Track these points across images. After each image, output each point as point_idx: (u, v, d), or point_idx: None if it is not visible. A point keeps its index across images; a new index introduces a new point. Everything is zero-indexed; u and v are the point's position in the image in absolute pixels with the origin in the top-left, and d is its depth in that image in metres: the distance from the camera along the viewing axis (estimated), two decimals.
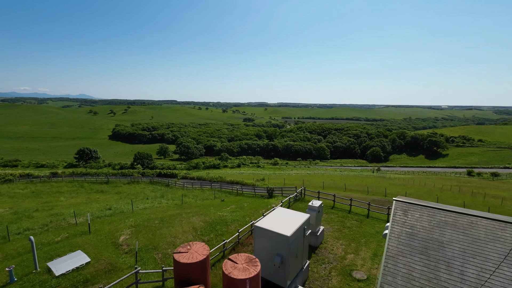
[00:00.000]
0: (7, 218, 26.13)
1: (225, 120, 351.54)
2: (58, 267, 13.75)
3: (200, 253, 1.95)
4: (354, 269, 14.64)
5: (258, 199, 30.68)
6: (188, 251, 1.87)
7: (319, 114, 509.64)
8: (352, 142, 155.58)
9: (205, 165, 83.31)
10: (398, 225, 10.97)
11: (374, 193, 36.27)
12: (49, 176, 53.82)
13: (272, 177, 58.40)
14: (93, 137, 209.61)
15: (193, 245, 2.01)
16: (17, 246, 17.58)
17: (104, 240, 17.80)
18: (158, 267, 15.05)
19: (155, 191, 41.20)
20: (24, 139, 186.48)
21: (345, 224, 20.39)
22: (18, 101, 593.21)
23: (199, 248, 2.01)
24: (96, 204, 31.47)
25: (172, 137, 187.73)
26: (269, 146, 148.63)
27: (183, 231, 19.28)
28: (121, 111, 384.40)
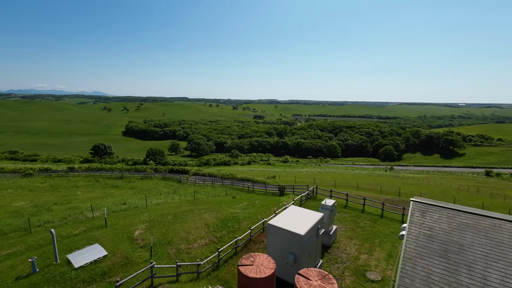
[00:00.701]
0: (28, 210, 27.23)
1: (235, 117, 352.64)
2: (77, 260, 14.23)
3: (266, 267, 1.86)
4: (368, 269, 14.44)
5: (269, 197, 30.67)
6: (253, 264, 1.80)
7: (330, 111, 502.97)
8: (364, 140, 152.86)
9: (215, 162, 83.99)
10: (416, 227, 10.71)
11: (388, 193, 35.57)
12: (67, 170, 55.63)
13: (283, 174, 58.22)
14: (107, 133, 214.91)
15: (256, 257, 1.92)
16: (38, 238, 18.30)
17: (119, 234, 18.27)
18: (172, 262, 15.32)
19: (168, 187, 41.88)
20: (42, 134, 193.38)
21: (358, 223, 20.10)
22: (36, 98, 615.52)
23: (264, 260, 1.92)
24: (111, 199, 32.32)
25: (183, 134, 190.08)
26: (280, 143, 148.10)
27: (196, 227, 19.53)
28: (134, 108, 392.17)
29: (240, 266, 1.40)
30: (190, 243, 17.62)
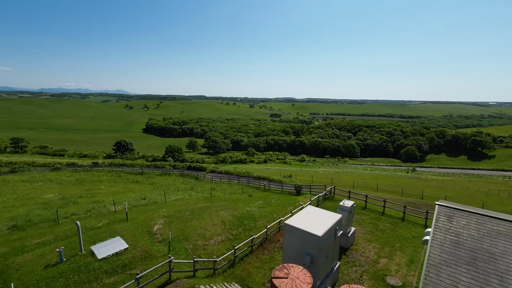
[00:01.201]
0: (56, 203, 28.83)
1: (252, 116, 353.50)
2: (100, 251, 14.86)
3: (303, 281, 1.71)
4: (388, 274, 13.95)
5: (286, 196, 30.47)
6: (288, 277, 1.69)
7: (349, 110, 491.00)
8: (384, 140, 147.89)
9: (232, 160, 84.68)
10: (442, 232, 10.17)
11: (409, 195, 34.18)
12: (91, 165, 58.35)
13: (299, 174, 57.63)
14: (128, 130, 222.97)
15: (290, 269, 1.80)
16: (65, 229, 19.32)
17: (140, 228, 18.88)
18: (189, 258, 15.62)
19: (186, 183, 42.77)
20: (69, 131, 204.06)
21: (378, 226, 19.47)
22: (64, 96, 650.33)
23: (300, 274, 1.79)
24: (132, 194, 33.49)
25: (201, 132, 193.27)
26: (296, 142, 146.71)
27: (212, 224, 19.78)
28: (153, 105, 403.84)
29: (274, 279, 1.32)
30: (207, 239, 17.87)
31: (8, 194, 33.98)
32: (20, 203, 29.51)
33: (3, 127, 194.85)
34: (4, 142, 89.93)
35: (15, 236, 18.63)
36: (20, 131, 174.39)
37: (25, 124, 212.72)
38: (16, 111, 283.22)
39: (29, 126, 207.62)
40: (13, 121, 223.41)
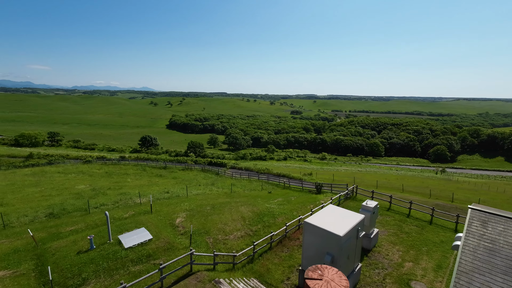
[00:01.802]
0: (87, 193, 30.72)
1: (272, 112, 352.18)
2: (127, 241, 15.64)
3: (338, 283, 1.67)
4: (412, 279, 13.35)
5: (306, 194, 30.11)
6: (323, 279, 1.66)
7: (373, 107, 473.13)
8: (411, 139, 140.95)
9: (252, 156, 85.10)
10: (475, 238, 9.53)
11: (438, 197, 32.36)
12: (119, 159, 61.39)
13: (320, 172, 56.66)
14: (153, 126, 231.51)
15: (323, 270, 1.75)
16: (95, 218, 20.53)
17: (163, 221, 19.61)
18: (209, 251, 15.98)
19: (207, 178, 43.69)
20: (99, 126, 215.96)
21: (403, 228, 18.67)
22: (95, 93, 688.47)
23: (334, 276, 1.74)
24: (156, 187, 34.83)
25: (222, 128, 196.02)
26: (317, 140, 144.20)
27: (232, 219, 20.06)
28: (177, 102, 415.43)
29: (307, 280, 1.29)
30: (227, 234, 18.16)
31: (46, 184, 36.75)
32: (56, 192, 31.82)
33: (42, 122, 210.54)
34: (42, 136, 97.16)
35: (51, 223, 20.13)
36: (56, 126, 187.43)
37: (60, 119, 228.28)
38: (52, 107, 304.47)
39: (64, 121, 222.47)
40: (50, 117, 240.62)
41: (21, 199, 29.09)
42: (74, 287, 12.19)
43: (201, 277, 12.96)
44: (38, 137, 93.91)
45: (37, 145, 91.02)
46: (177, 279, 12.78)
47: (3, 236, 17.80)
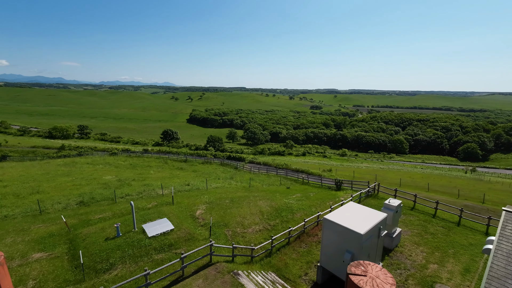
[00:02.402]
0: (114, 184, 32.33)
1: (291, 107, 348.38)
2: (150, 230, 16.33)
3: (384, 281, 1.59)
4: (437, 281, 12.82)
5: (325, 190, 29.68)
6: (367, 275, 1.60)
7: (398, 102, 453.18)
8: (438, 135, 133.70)
9: (270, 151, 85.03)
10: (509, 242, 8.94)
11: (467, 198, 30.57)
12: (142, 152, 63.87)
13: (340, 168, 55.50)
14: (174, 120, 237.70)
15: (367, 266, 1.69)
16: (121, 208, 21.61)
17: (184, 212, 20.23)
18: (228, 243, 16.29)
19: (225, 172, 44.34)
20: (123, 120, 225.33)
21: (427, 229, 17.90)
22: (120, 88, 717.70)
23: (379, 273, 1.67)
24: (177, 180, 35.91)
25: (240, 123, 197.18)
26: (337, 135, 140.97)
27: (250, 213, 20.26)
28: (197, 97, 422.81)
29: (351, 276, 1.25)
30: (245, 227, 18.40)
31: (76, 174, 39.13)
32: (85, 182, 33.80)
33: (72, 115, 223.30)
34: (73, 129, 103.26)
35: (82, 211, 21.47)
36: (84, 120, 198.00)
37: (88, 113, 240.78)
38: (82, 102, 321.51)
39: (92, 115, 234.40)
40: (80, 111, 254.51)
41: (54, 187, 31.22)
42: (102, 271, 12.98)
43: (220, 268, 13.29)
44: (69, 130, 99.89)
45: (68, 137, 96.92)
46: (197, 268, 13.20)
47: (40, 221, 19.25)
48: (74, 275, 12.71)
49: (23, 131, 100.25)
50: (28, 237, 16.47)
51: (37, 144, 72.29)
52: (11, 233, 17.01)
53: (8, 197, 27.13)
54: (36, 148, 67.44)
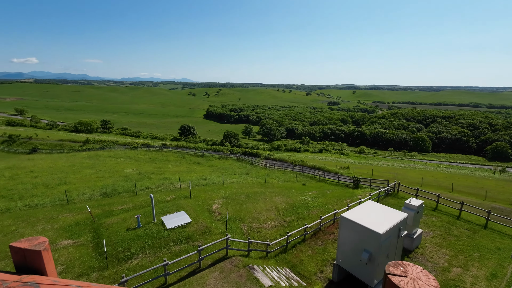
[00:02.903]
0: (134, 177, 33.55)
1: (308, 103, 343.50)
2: (169, 222, 16.84)
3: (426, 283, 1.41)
4: (460, 285, 12.31)
5: (342, 188, 29.17)
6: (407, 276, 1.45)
7: (421, 98, 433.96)
8: (465, 133, 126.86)
9: (286, 148, 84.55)
10: None
11: (495, 200, 28.91)
12: (161, 146, 65.66)
13: (358, 166, 54.24)
14: (191, 116, 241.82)
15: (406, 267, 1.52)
16: (141, 200, 22.42)
17: (201, 206, 20.65)
18: (244, 238, 16.48)
19: (241, 167, 44.68)
20: (143, 115, 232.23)
21: (451, 231, 17.16)
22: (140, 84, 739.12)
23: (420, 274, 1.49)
24: (194, 174, 36.66)
25: (256, 119, 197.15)
26: (355, 132, 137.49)
27: (266, 209, 20.34)
28: (213, 93, 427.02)
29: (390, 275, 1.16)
30: (261, 223, 18.51)
31: (99, 166, 40.97)
32: (108, 174, 35.33)
33: (96, 110, 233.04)
34: (96, 124, 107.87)
35: (105, 202, 22.49)
36: (107, 115, 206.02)
37: (110, 109, 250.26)
38: (104, 98, 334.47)
39: (114, 110, 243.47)
40: (102, 106, 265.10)
41: (80, 179, 32.91)
42: (124, 259, 13.58)
43: (236, 261, 13.48)
44: (93, 124, 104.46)
45: (92, 131, 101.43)
46: (214, 261, 13.47)
47: (67, 210, 20.40)
48: (98, 262, 13.40)
49: (51, 125, 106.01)
50: (57, 225, 17.51)
51: (64, 137, 76.32)
52: (42, 221, 18.16)
53: (38, 187, 28.95)
54: (63, 142, 71.24)
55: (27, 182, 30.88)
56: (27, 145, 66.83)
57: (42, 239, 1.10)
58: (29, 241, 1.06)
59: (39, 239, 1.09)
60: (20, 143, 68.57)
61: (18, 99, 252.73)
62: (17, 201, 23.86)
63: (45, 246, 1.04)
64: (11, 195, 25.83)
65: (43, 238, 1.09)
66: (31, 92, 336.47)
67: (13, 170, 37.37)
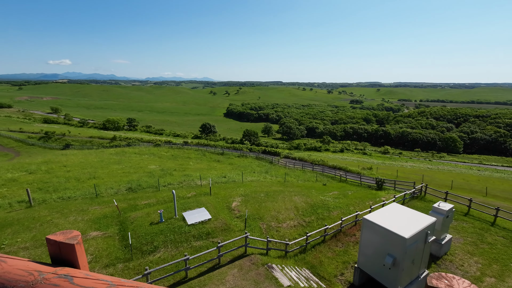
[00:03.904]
0: (157, 173, 34.75)
1: (329, 102, 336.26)
2: (190, 218, 17.26)
3: None
4: None
5: (364, 189, 28.26)
6: None
7: (452, 96, 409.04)
8: (501, 134, 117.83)
9: (306, 147, 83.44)
10: None
11: None
12: (182, 144, 67.46)
13: (381, 167, 52.27)
14: (212, 114, 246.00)
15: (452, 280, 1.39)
16: (163, 195, 23.18)
17: (220, 203, 20.95)
18: (263, 236, 16.50)
19: (261, 166, 44.73)
20: (166, 113, 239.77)
21: (484, 238, 16.02)
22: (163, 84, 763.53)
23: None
24: (214, 171, 37.27)
25: (276, 117, 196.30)
26: (379, 132, 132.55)
27: (285, 208, 20.20)
28: (234, 91, 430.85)
29: None
30: (280, 222, 18.42)
31: (125, 162, 42.91)
32: (133, 170, 36.90)
33: (122, 109, 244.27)
34: (123, 121, 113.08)
35: (130, 196, 23.52)
36: (132, 113, 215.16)
37: (136, 107, 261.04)
38: (130, 97, 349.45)
39: (139, 108, 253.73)
40: (128, 104, 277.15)
41: (108, 174, 34.67)
42: (147, 252, 14.13)
43: (254, 259, 13.53)
44: (120, 122, 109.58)
45: (119, 129, 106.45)
46: (233, 258, 13.62)
47: (96, 203, 21.59)
48: (123, 254, 14.05)
49: (82, 123, 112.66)
50: (87, 216, 18.59)
51: (93, 134, 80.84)
52: (73, 213, 19.37)
53: (71, 181, 30.90)
54: (92, 138, 75.49)
55: (61, 176, 33.07)
56: (61, 141, 71.58)
57: (75, 233, 1.14)
58: (63, 234, 1.11)
59: (72, 232, 1.13)
60: (55, 139, 73.61)
61: (53, 98, 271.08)
62: (52, 193, 25.63)
63: (78, 240, 1.08)
64: (47, 188, 27.80)
65: (76, 232, 1.13)
66: (64, 91, 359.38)
67: (48, 164, 40.18)
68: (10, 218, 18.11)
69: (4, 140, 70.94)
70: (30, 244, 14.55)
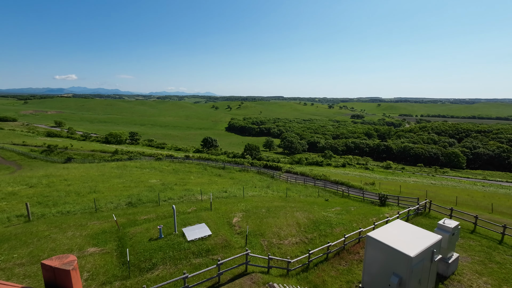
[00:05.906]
0: (158, 187, 34.52)
1: (330, 116, 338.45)
2: (190, 234, 16.94)
3: None
4: None
5: (367, 205, 27.81)
6: None
7: (453, 111, 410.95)
8: (504, 149, 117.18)
9: (307, 161, 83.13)
10: None
11: None
12: (184, 158, 67.46)
13: (384, 182, 51.73)
14: (214, 128, 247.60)
15: None
16: (163, 210, 22.89)
17: (221, 219, 20.62)
18: (264, 254, 16.08)
19: (262, 181, 44.40)
20: (168, 127, 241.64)
21: (492, 257, 15.53)
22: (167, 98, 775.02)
23: None
24: (215, 186, 36.99)
25: (277, 132, 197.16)
26: (381, 146, 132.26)
27: (287, 224, 19.83)
28: (235, 106, 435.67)
29: None
30: (281, 239, 18.02)
31: (126, 176, 42.77)
32: (134, 184, 36.71)
33: (125, 123, 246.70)
34: (125, 135, 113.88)
35: (130, 211, 23.25)
36: (135, 127, 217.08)
37: (139, 121, 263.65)
38: (133, 111, 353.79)
39: (141, 122, 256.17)
40: (131, 119, 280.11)
41: (108, 188, 34.48)
42: (146, 270, 13.76)
43: (255, 278, 13.13)
44: (122, 136, 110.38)
45: (121, 142, 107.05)
46: (233, 277, 13.22)
47: (95, 218, 21.32)
48: (121, 272, 13.69)
49: (85, 137, 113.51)
50: (85, 232, 18.29)
51: (95, 148, 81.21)
52: (72, 228, 19.09)
53: (71, 195, 30.72)
54: (95, 152, 75.76)
55: (61, 189, 32.92)
56: (63, 154, 71.90)
57: (71, 257, 1.11)
58: (59, 259, 1.08)
59: (68, 257, 1.11)
60: (57, 152, 73.97)
61: (58, 112, 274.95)
62: (51, 207, 25.40)
63: (74, 265, 1.05)
64: (46, 202, 27.60)
65: (72, 257, 1.11)
66: (69, 105, 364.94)
67: (49, 178, 40.11)
68: (8, 233, 17.87)
69: (6, 153, 71.36)
70: (26, 260, 14.25)
